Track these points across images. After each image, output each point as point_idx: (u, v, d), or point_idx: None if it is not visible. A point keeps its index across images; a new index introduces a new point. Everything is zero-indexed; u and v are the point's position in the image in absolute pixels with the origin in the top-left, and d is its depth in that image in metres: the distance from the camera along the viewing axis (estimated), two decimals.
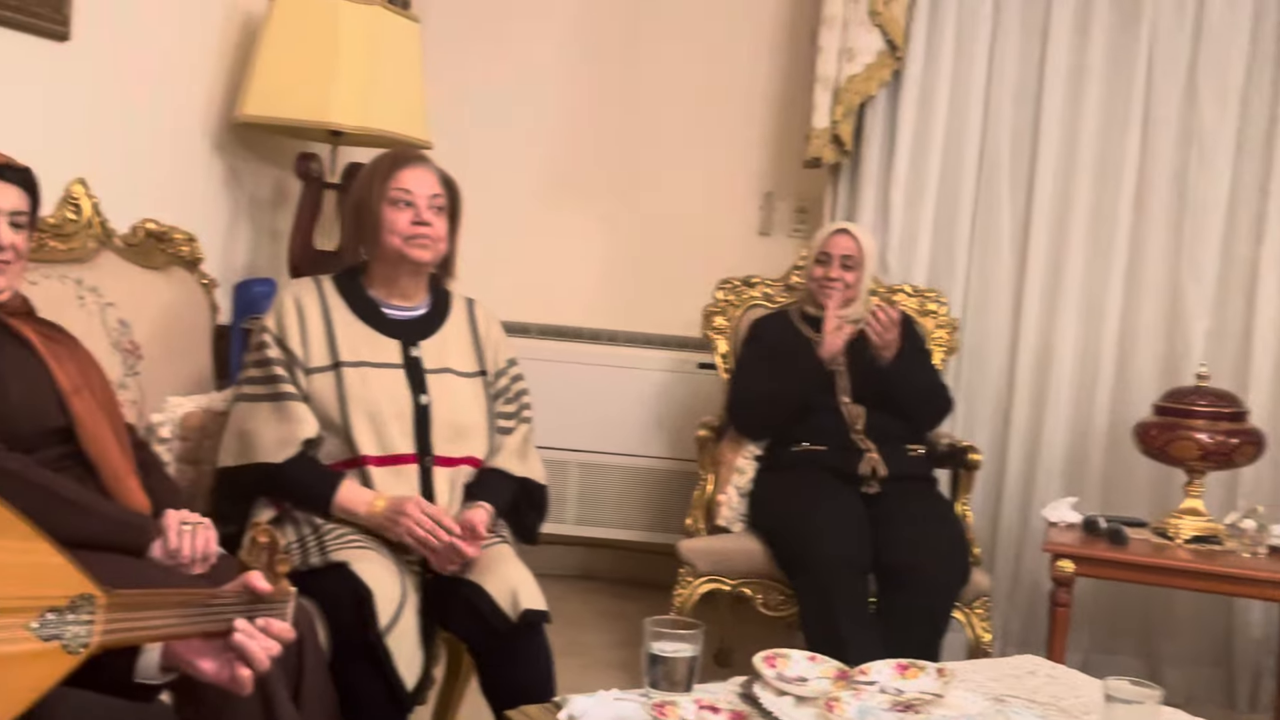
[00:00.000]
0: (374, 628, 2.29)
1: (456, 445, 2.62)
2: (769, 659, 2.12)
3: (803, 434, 3.33)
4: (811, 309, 3.53)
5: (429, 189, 2.63)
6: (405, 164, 2.65)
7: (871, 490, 3.24)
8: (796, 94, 4.36)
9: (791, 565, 3.13)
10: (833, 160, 4.08)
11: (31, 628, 1.39)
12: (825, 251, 3.49)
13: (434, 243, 2.63)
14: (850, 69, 3.99)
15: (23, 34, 2.85)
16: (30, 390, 2.19)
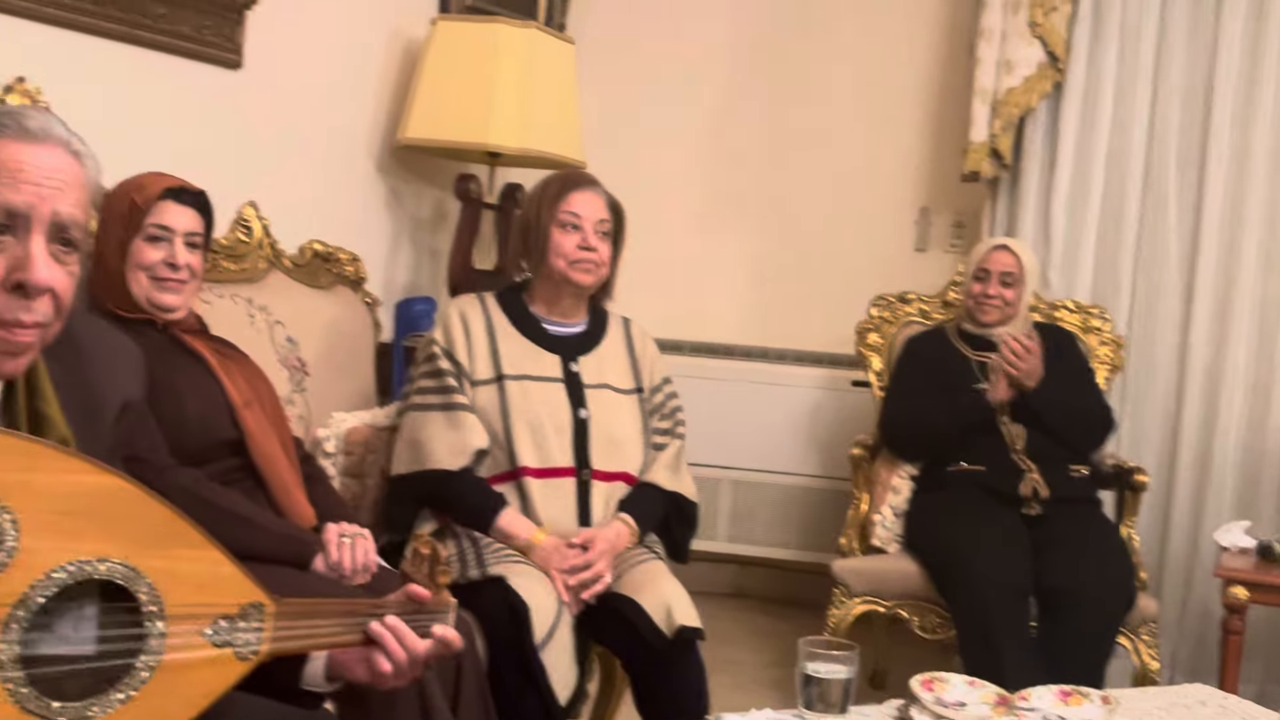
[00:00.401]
0: (529, 642, 2.31)
1: (613, 460, 2.64)
2: (926, 682, 2.08)
3: (961, 454, 3.26)
4: (970, 326, 3.47)
5: (597, 213, 2.67)
6: (575, 187, 2.69)
7: (1032, 512, 3.15)
8: (953, 107, 4.30)
9: (949, 588, 3.07)
10: (991, 174, 4.01)
11: (205, 634, 1.44)
12: (984, 268, 3.42)
13: (597, 267, 2.67)
14: (1009, 81, 3.91)
15: (199, 63, 2.98)
16: (204, 404, 2.27)
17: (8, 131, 1.41)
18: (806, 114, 4.55)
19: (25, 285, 1.40)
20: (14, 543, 1.28)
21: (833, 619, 3.21)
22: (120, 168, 2.43)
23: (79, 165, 1.46)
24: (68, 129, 1.48)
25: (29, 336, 1.43)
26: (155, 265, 2.25)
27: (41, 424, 1.50)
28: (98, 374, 1.61)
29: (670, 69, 4.64)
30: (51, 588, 1.31)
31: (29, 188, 1.40)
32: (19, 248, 1.40)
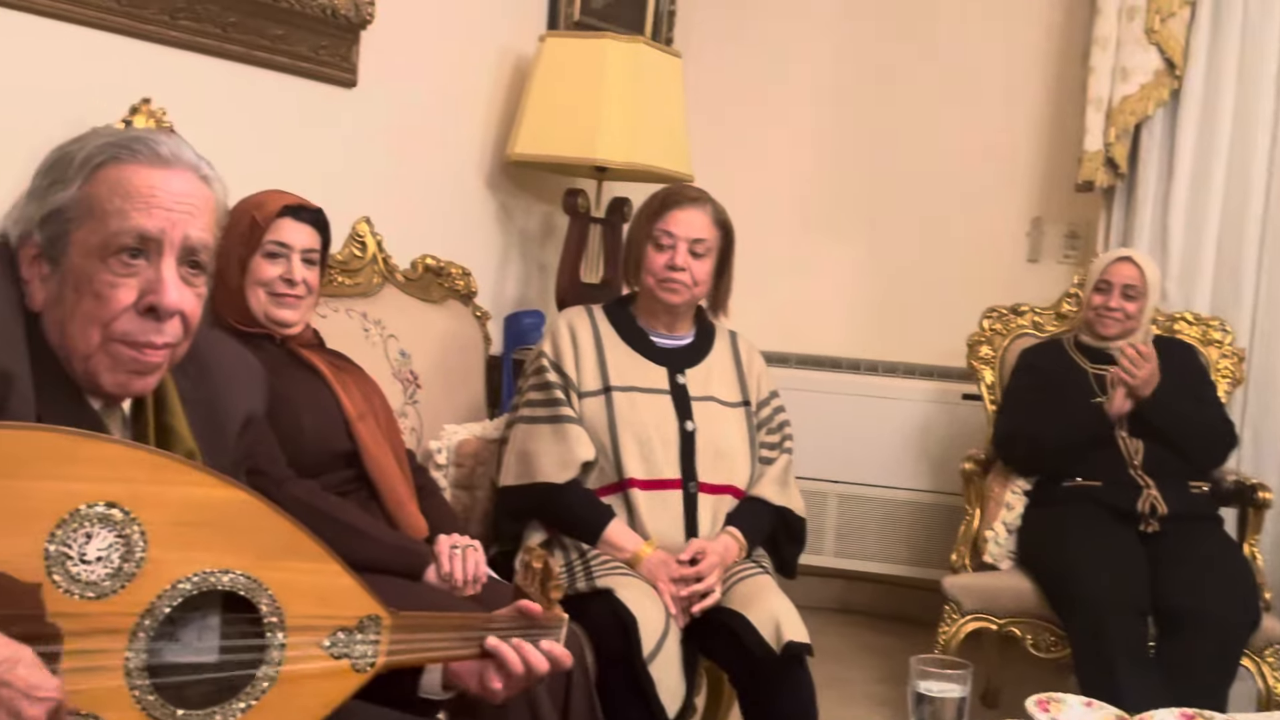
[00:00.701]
0: (638, 655, 2.32)
1: (719, 473, 2.64)
2: (1042, 703, 2.05)
3: (1077, 469, 3.19)
4: (1088, 338, 3.40)
5: (692, 232, 2.66)
6: (674, 206, 2.69)
7: (1150, 529, 3.08)
8: (1066, 116, 4.22)
9: (1064, 606, 3.01)
10: (1106, 184, 3.93)
11: (323, 646, 1.47)
12: (1105, 279, 3.35)
13: (686, 287, 2.67)
14: (1124, 89, 3.84)
15: (316, 83, 3.05)
16: (320, 417, 2.32)
17: (140, 157, 1.45)
18: (915, 123, 4.50)
19: (157, 308, 1.44)
20: (143, 553, 1.32)
21: (943, 636, 3.17)
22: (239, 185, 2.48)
23: (208, 189, 1.50)
24: (196, 153, 1.52)
25: (158, 357, 1.47)
26: (273, 281, 2.31)
27: (169, 437, 1.54)
28: (222, 389, 1.65)
29: (776, 80, 4.63)
30: (177, 598, 1.35)
31: (161, 212, 1.44)
32: (151, 271, 1.44)
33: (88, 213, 1.43)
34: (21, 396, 1.39)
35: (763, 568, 2.63)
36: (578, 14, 4.00)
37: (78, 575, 1.28)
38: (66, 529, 1.28)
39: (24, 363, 1.40)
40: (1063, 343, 3.47)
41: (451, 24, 3.52)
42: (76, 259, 1.43)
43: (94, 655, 1.28)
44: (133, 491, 1.32)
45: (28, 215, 1.46)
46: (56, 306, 1.45)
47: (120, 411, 1.53)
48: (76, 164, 1.45)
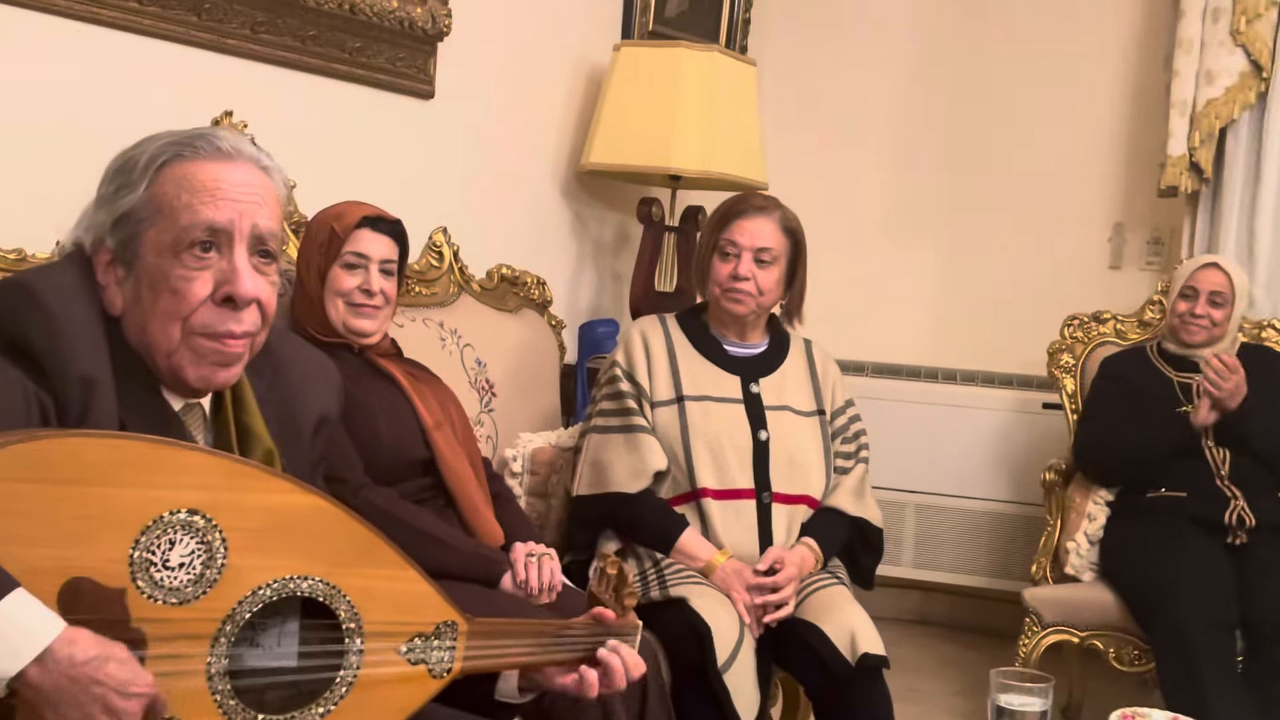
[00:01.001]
0: (713, 665, 2.31)
1: (794, 482, 2.62)
2: (1126, 718, 2.01)
3: (1161, 479, 3.13)
4: (1173, 346, 3.33)
5: (758, 241, 2.64)
6: (740, 215, 2.67)
7: (1237, 541, 3.01)
8: (1148, 120, 4.15)
9: (1148, 619, 2.95)
10: (1191, 189, 3.86)
11: (400, 651, 1.48)
12: (1191, 285, 3.28)
13: (751, 297, 2.65)
14: (1209, 92, 3.77)
15: (394, 94, 3.08)
16: (397, 425, 2.34)
17: (202, 153, 1.48)
18: (992, 129, 4.45)
19: (234, 297, 1.47)
20: (224, 560, 1.34)
21: (1023, 649, 3.12)
22: (318, 196, 2.53)
23: (269, 179, 1.53)
24: (255, 146, 1.55)
25: (239, 347, 1.50)
26: (351, 292, 2.33)
27: (247, 437, 1.57)
28: (297, 390, 1.67)
29: (852, 87, 4.60)
30: (257, 604, 1.37)
31: (228, 204, 1.47)
32: (224, 262, 1.47)
33: (157, 212, 1.46)
34: (105, 401, 1.41)
35: (838, 579, 2.60)
36: (652, 23, 4.01)
37: (161, 581, 1.30)
38: (150, 535, 1.30)
39: (106, 368, 1.43)
40: (1146, 350, 3.41)
41: (527, 35, 3.55)
42: (150, 259, 1.46)
43: (177, 660, 1.30)
44: (214, 499, 1.34)
45: (98, 222, 1.49)
46: (135, 308, 1.48)
47: (201, 411, 1.56)
48: (141, 166, 1.48)
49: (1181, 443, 3.14)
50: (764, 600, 2.45)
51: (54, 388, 1.38)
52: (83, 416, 1.39)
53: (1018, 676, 1.91)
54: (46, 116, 2.37)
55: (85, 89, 2.43)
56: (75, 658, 1.20)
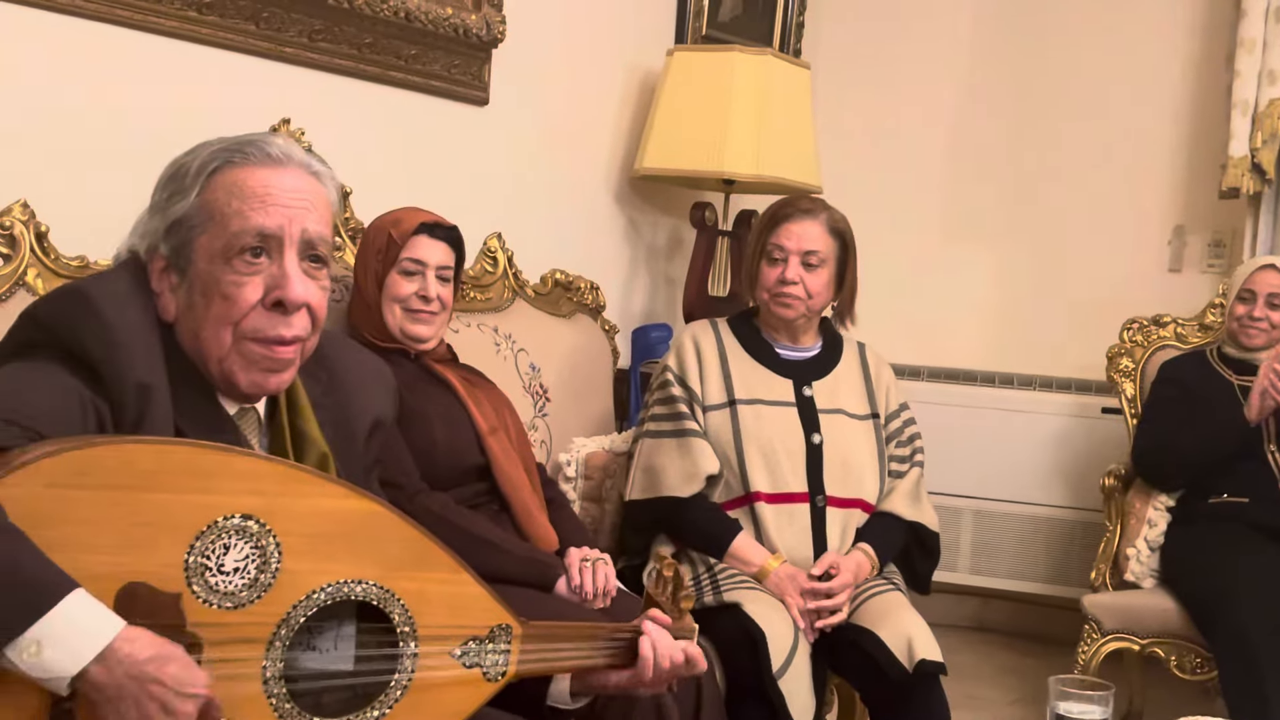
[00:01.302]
0: (768, 671, 2.30)
1: (848, 486, 2.61)
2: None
3: (1223, 484, 3.09)
4: (1232, 350, 3.28)
5: (804, 244, 2.63)
6: (786, 219, 2.66)
7: None
8: (1209, 121, 4.09)
9: (1210, 626, 2.91)
10: (1253, 190, 3.81)
11: (454, 655, 1.49)
12: (1249, 288, 3.24)
13: (800, 300, 2.64)
14: (1272, 92, 3.72)
15: (449, 101, 3.11)
16: (452, 431, 2.35)
17: (252, 159, 1.50)
18: (1050, 130, 4.41)
19: (284, 302, 1.48)
20: (278, 564, 1.35)
21: (1082, 656, 3.09)
22: (374, 202, 2.55)
23: (320, 185, 1.54)
24: (305, 151, 1.56)
25: (289, 353, 1.51)
26: (409, 298, 2.35)
27: (302, 441, 1.58)
28: (351, 393, 1.69)
29: (907, 89, 4.57)
30: (312, 608, 1.38)
31: (278, 210, 1.48)
32: (274, 267, 1.48)
33: (208, 219, 1.48)
34: (161, 407, 1.43)
35: (894, 584, 2.59)
36: (705, 28, 4.00)
37: (216, 586, 1.32)
38: (205, 540, 1.31)
39: (161, 374, 1.45)
40: (1205, 354, 3.36)
41: (580, 41, 3.56)
42: (202, 265, 1.48)
43: (232, 664, 1.31)
44: (267, 504, 1.35)
45: (152, 229, 1.51)
46: (188, 314, 1.49)
47: (256, 416, 1.57)
48: (192, 173, 1.50)
49: (1242, 447, 3.09)
50: (818, 605, 2.44)
51: (110, 395, 1.40)
52: (138, 423, 1.41)
53: (1077, 684, 1.89)
54: (106, 125, 2.41)
55: (144, 98, 2.46)
56: (136, 656, 1.21)
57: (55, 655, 1.18)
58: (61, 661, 1.18)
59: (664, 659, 1.63)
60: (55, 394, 1.36)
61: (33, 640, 1.17)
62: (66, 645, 1.18)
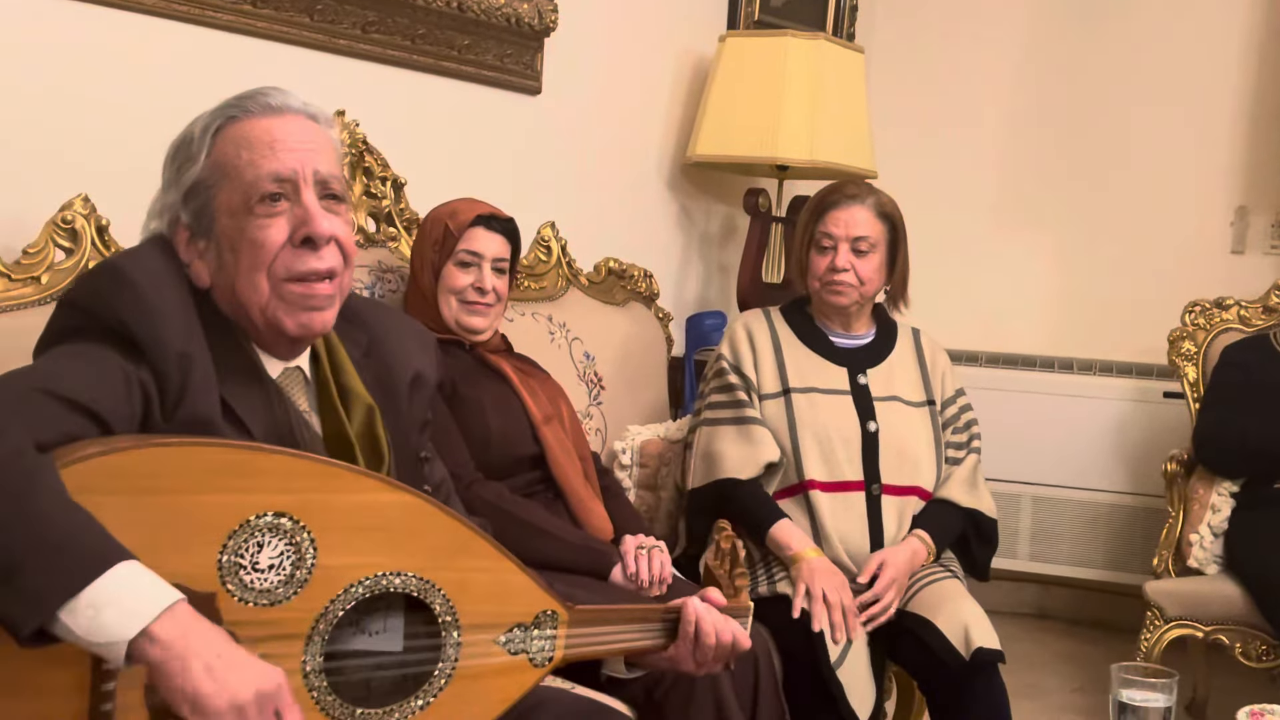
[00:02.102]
0: (825, 664, 2.28)
1: (904, 474, 2.59)
2: (1255, 714, 1.95)
3: None
4: None
5: (853, 230, 2.60)
6: (832, 206, 2.63)
7: None
8: (1272, 100, 4.02)
9: (1275, 613, 2.86)
10: None
11: (499, 642, 1.49)
12: None
13: (852, 287, 2.61)
14: None
15: (502, 91, 3.12)
16: (507, 421, 2.36)
17: (252, 112, 1.53)
18: (1108, 111, 4.34)
19: (312, 237, 1.50)
20: (313, 560, 1.36)
21: (1145, 643, 3.05)
22: (428, 192, 2.56)
23: (319, 127, 1.57)
24: (301, 99, 1.58)
25: (328, 288, 1.53)
26: (465, 289, 2.36)
27: (348, 395, 1.60)
28: (389, 351, 1.70)
29: (963, 71, 4.52)
30: (349, 601, 1.38)
31: (288, 153, 1.50)
32: (296, 208, 1.50)
33: (222, 176, 1.50)
34: (203, 375, 1.44)
35: (951, 571, 2.56)
36: (758, 13, 3.99)
37: (251, 584, 1.32)
38: (238, 539, 1.32)
39: (201, 342, 1.46)
40: (1270, 338, 3.30)
41: (632, 28, 3.55)
42: (225, 221, 1.50)
43: (272, 660, 1.30)
44: (300, 500, 1.36)
45: (169, 203, 1.54)
46: (221, 274, 1.51)
47: (300, 374, 1.59)
48: (197, 137, 1.53)
49: None
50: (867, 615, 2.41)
51: (153, 367, 1.41)
52: (182, 393, 1.42)
53: (1140, 672, 1.86)
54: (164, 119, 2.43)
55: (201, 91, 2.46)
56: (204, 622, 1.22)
57: (114, 616, 1.17)
58: (121, 622, 1.17)
59: (708, 635, 1.62)
60: (102, 371, 1.38)
61: (90, 602, 1.17)
62: (126, 606, 1.18)
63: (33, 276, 2.01)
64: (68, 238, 2.06)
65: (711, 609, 1.63)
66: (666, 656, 1.64)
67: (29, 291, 1.99)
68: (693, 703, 1.97)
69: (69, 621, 1.17)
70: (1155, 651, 3.02)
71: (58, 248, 2.05)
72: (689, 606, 1.63)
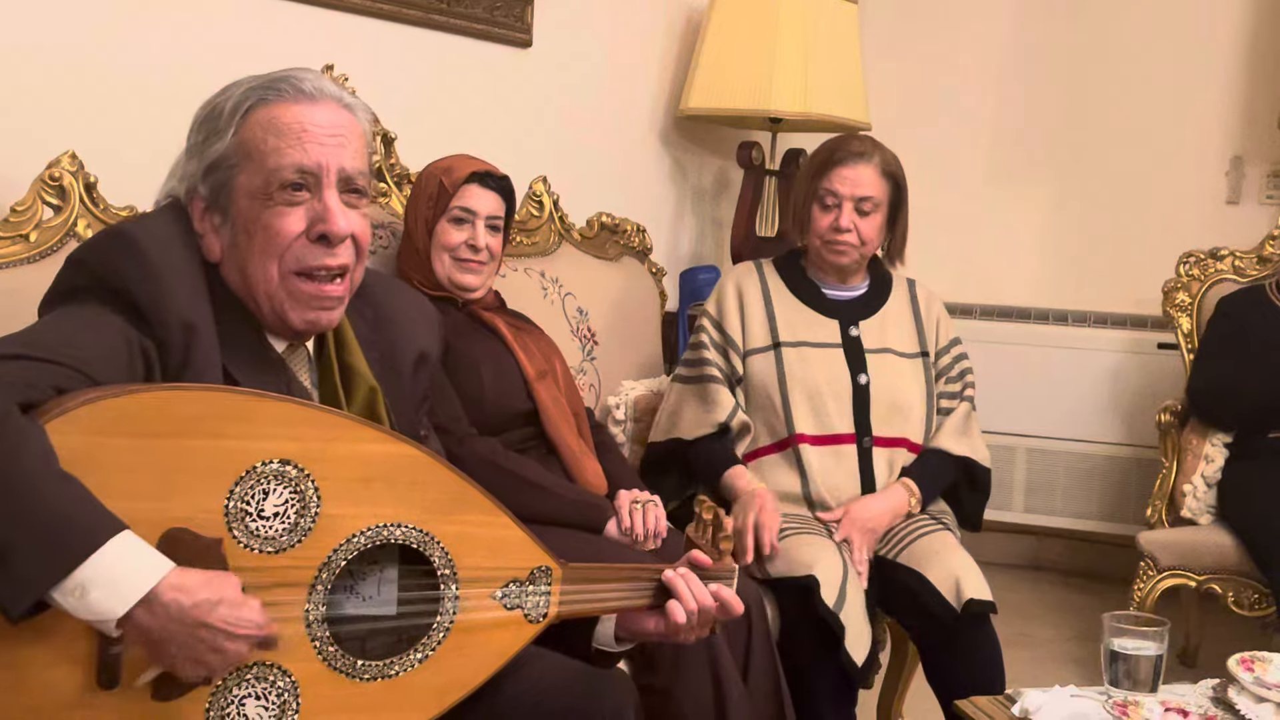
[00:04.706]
0: (821, 604, 2.28)
1: (894, 425, 2.59)
2: (1245, 661, 1.96)
3: None
4: None
5: (859, 190, 2.58)
6: (839, 162, 2.60)
7: None
8: (1267, 47, 3.99)
9: (1268, 562, 2.87)
10: None
11: (495, 597, 1.50)
12: None
13: (853, 247, 2.60)
14: None
15: (492, 44, 3.09)
16: (500, 377, 2.36)
17: (285, 95, 1.50)
18: (1104, 61, 4.31)
19: (327, 236, 1.49)
20: (317, 508, 1.36)
21: (1138, 593, 3.06)
22: (420, 148, 2.55)
23: (352, 116, 1.55)
24: (337, 85, 1.56)
25: (339, 289, 1.53)
26: (458, 247, 2.35)
27: (351, 375, 1.60)
28: (397, 329, 1.70)
29: (955, 22, 4.49)
30: (352, 551, 1.39)
31: (314, 146, 1.49)
32: (315, 202, 1.49)
33: (245, 157, 1.49)
34: (206, 346, 1.44)
35: (943, 524, 2.56)
36: None
37: (256, 530, 1.33)
38: (244, 486, 1.32)
39: (207, 313, 1.46)
40: (1265, 289, 3.29)
41: None
42: (242, 203, 1.49)
43: (275, 607, 1.33)
44: (305, 448, 1.36)
45: (189, 172, 1.52)
46: (232, 252, 1.51)
47: (305, 352, 1.59)
48: (227, 113, 1.50)
49: None
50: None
51: (155, 334, 1.41)
52: (184, 362, 1.42)
53: (1132, 620, 1.88)
54: (152, 75, 2.42)
55: (189, 46, 2.47)
56: (181, 601, 1.23)
57: (101, 597, 1.20)
58: (107, 603, 1.20)
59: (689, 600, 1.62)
60: (103, 335, 1.38)
61: (78, 583, 1.19)
62: (111, 588, 1.20)
63: (21, 234, 2.00)
64: (55, 195, 2.05)
65: (690, 575, 1.63)
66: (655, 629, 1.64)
67: (17, 250, 1.98)
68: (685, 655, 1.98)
69: (59, 598, 1.20)
70: (1148, 601, 3.03)
71: (46, 205, 2.04)
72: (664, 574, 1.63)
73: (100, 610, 1.20)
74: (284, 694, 1.35)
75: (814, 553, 2.36)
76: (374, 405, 1.59)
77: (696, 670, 2.00)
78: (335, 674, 1.38)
